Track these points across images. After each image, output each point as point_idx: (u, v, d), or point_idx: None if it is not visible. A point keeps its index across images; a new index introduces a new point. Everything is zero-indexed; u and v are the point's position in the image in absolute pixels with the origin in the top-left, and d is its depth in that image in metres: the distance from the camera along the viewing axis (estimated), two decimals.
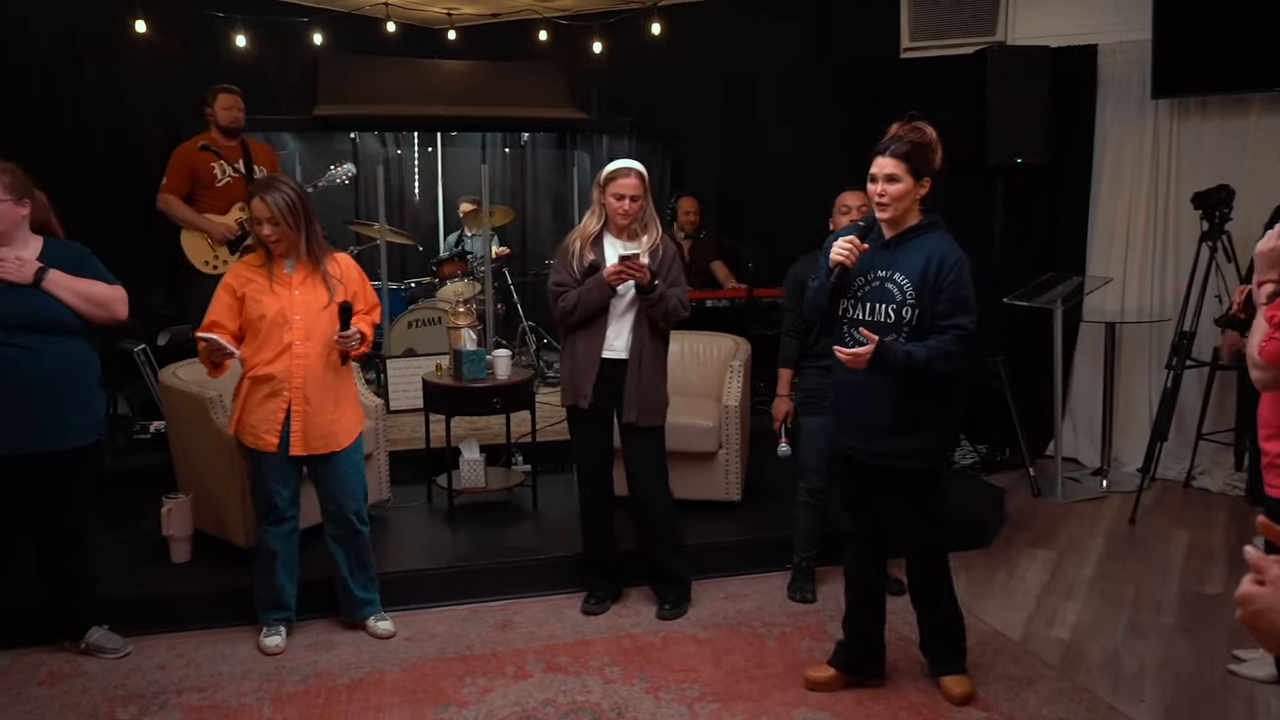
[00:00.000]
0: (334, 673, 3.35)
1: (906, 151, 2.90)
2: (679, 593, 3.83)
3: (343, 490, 3.48)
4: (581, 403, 3.61)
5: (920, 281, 2.89)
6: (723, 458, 4.44)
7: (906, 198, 2.92)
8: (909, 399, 2.93)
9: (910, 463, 2.98)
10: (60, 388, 3.18)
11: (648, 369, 3.58)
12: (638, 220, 3.58)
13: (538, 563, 4.03)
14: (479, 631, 3.66)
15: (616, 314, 3.58)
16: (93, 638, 3.44)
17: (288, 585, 3.52)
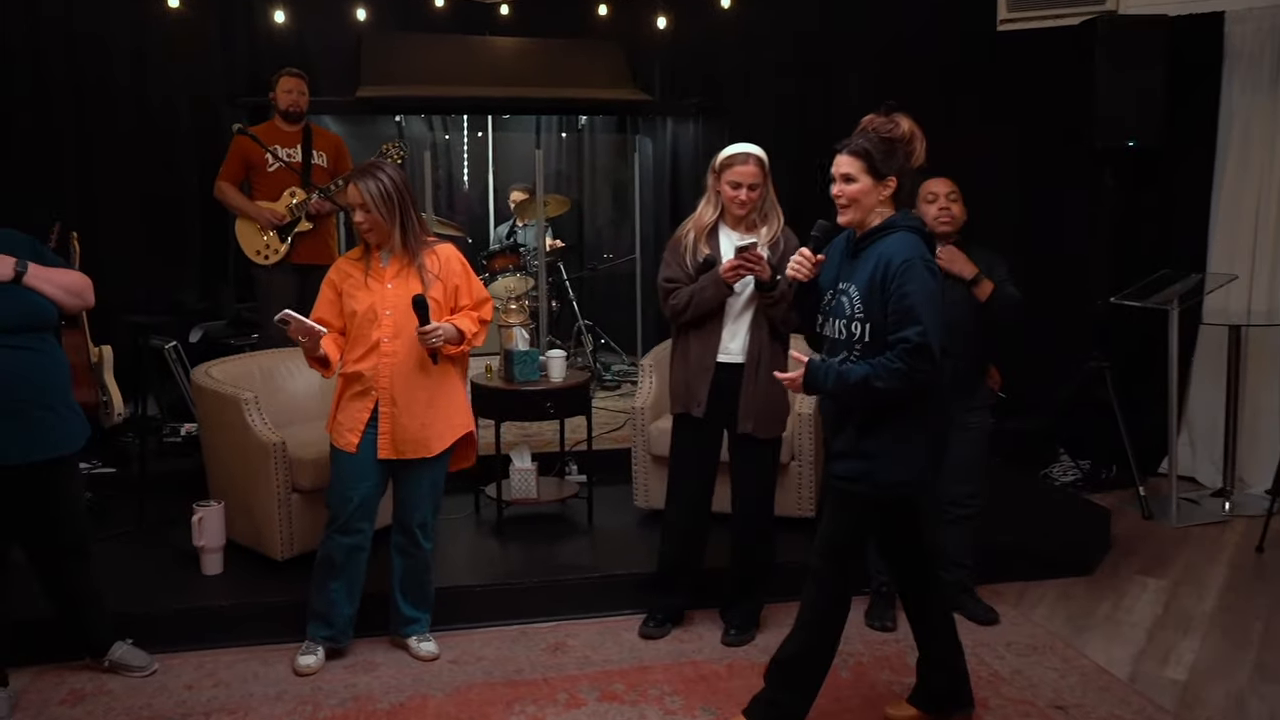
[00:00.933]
0: (374, 696, 3.36)
1: (864, 149, 2.84)
2: (747, 617, 3.78)
3: (412, 497, 3.52)
4: (695, 410, 3.57)
5: (867, 291, 2.80)
6: (795, 470, 4.37)
7: (865, 199, 2.85)
8: (872, 419, 2.83)
9: (857, 487, 2.87)
10: (50, 390, 3.16)
11: (767, 375, 3.51)
12: (756, 210, 3.53)
13: (592, 581, 4.01)
14: (529, 655, 3.65)
15: (733, 314, 3.53)
16: (116, 654, 3.50)
17: (343, 604, 3.53)
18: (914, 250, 2.77)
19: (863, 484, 2.86)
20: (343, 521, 3.46)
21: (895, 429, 2.83)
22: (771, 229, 3.55)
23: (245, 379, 4.24)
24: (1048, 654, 3.65)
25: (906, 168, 2.86)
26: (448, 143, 8.19)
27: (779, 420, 3.62)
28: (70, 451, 3.23)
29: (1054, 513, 4.80)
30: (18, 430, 3.07)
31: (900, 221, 2.85)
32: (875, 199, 2.84)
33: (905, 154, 2.86)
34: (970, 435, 3.78)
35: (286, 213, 5.19)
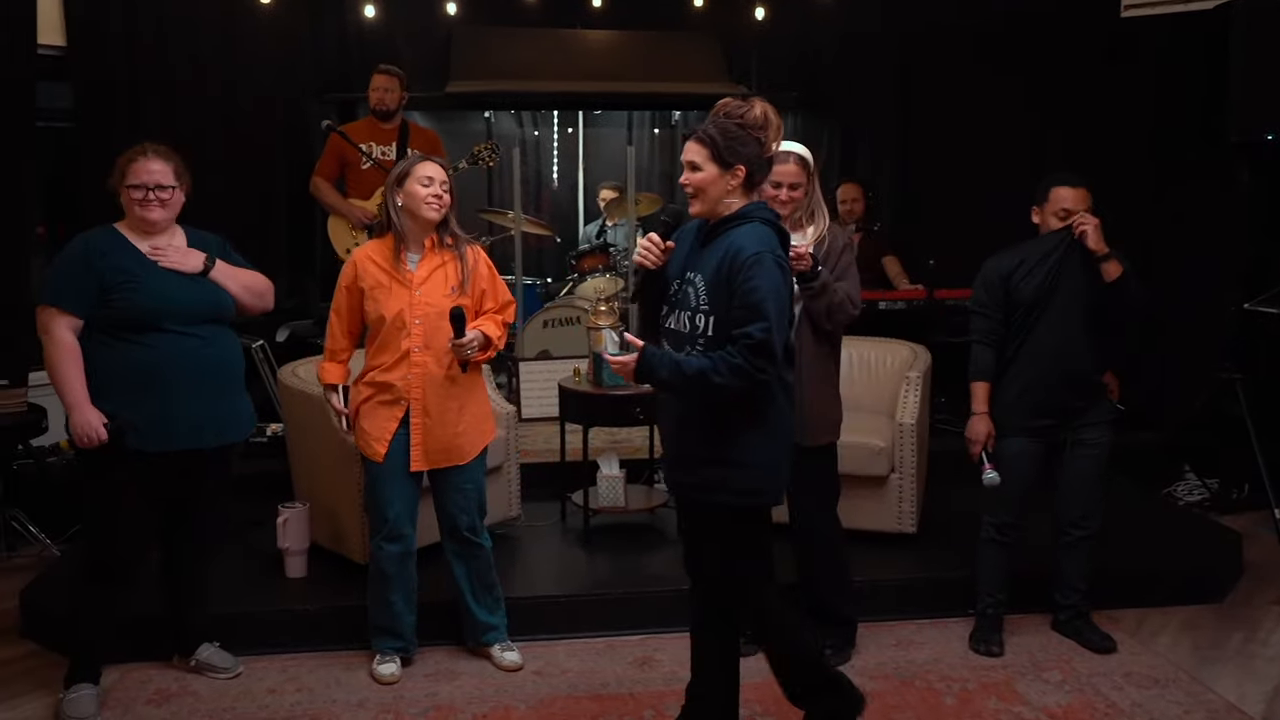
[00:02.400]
0: (456, 706, 3.40)
1: (709, 136, 2.75)
2: (843, 635, 3.74)
3: (455, 503, 3.55)
4: None
5: (713, 283, 2.73)
6: (896, 483, 4.31)
7: (712, 188, 2.77)
8: (712, 423, 2.76)
9: (715, 496, 2.80)
10: (231, 378, 3.41)
11: (812, 380, 3.49)
12: (801, 209, 3.53)
13: (682, 594, 3.95)
14: (615, 668, 3.66)
15: None
16: (203, 655, 3.61)
17: (405, 613, 3.59)
18: (765, 243, 2.70)
19: (720, 493, 2.79)
20: (387, 530, 3.50)
21: (751, 432, 2.76)
22: (818, 228, 3.54)
23: None
24: (1171, 687, 3.53)
25: (757, 155, 2.78)
26: (537, 139, 8.27)
27: (829, 426, 3.58)
28: (234, 441, 3.47)
29: (1178, 535, 4.64)
30: (195, 417, 3.27)
31: (754, 212, 2.79)
32: (723, 188, 2.77)
33: (757, 141, 2.77)
34: (1088, 452, 3.69)
35: (377, 211, 5.30)
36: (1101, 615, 3.93)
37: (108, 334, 3.20)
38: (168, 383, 3.22)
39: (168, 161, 3.32)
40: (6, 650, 3.84)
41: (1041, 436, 3.70)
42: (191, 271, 3.31)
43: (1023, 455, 3.70)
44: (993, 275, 3.75)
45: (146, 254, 3.27)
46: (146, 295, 3.20)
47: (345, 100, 6.63)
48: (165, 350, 3.22)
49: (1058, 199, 3.63)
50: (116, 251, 3.24)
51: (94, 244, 3.25)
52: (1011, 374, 3.71)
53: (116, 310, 3.18)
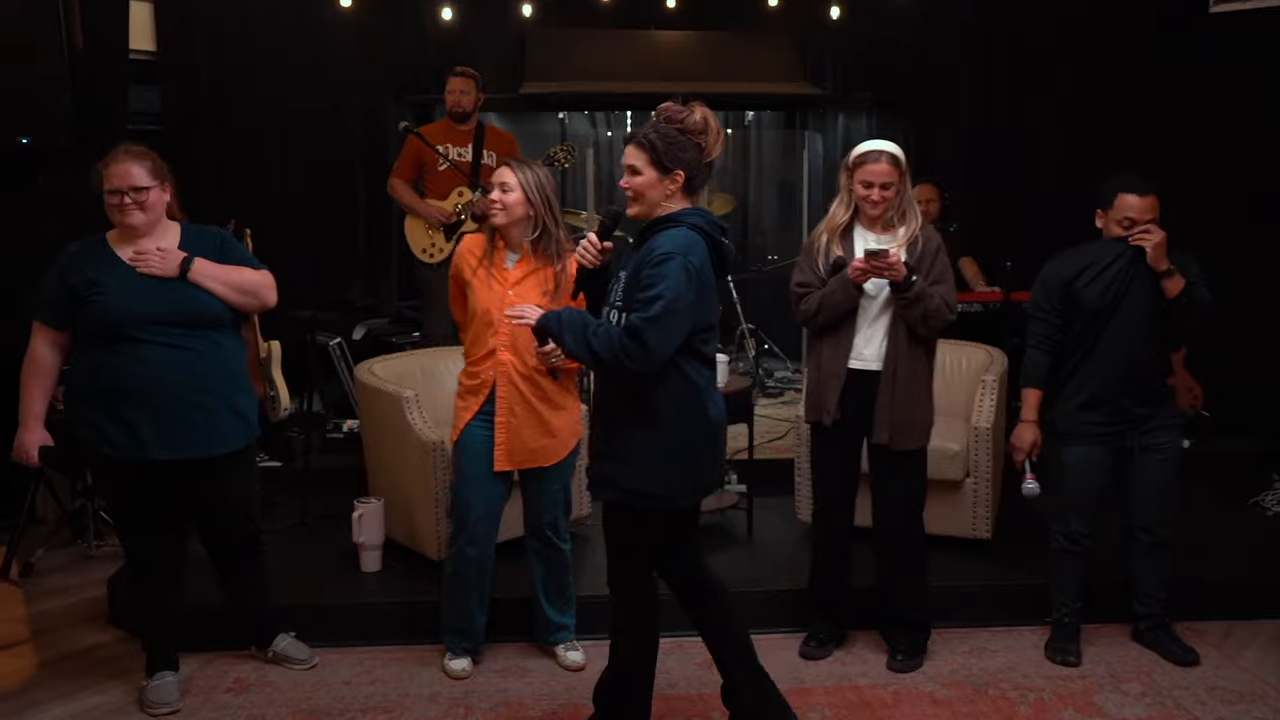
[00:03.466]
0: (526, 703, 3.43)
1: (649, 140, 2.75)
2: (915, 641, 3.69)
3: (541, 503, 3.57)
4: (825, 419, 3.54)
5: (629, 281, 2.76)
6: (970, 488, 4.24)
7: (651, 193, 2.78)
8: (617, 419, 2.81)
9: (603, 492, 2.85)
10: (214, 386, 3.28)
11: (904, 382, 3.45)
12: (893, 209, 3.48)
13: (751, 596, 3.98)
14: (682, 669, 3.66)
15: (868, 318, 3.48)
16: (280, 646, 3.68)
17: (478, 615, 3.62)
18: (683, 247, 2.69)
19: (608, 490, 2.83)
20: (468, 534, 3.51)
21: (644, 432, 2.77)
22: (910, 228, 3.49)
23: (407, 377, 4.40)
24: (1258, 704, 3.42)
25: (697, 160, 2.77)
26: (610, 139, 8.29)
27: (920, 431, 3.54)
28: (222, 452, 3.31)
29: (1266, 545, 4.49)
30: (167, 426, 3.19)
31: (685, 216, 2.77)
32: (662, 192, 2.77)
33: (696, 146, 2.77)
34: (1159, 456, 3.59)
35: (453, 212, 5.37)
36: (1185, 627, 3.83)
37: (85, 344, 3.21)
38: (136, 391, 3.15)
39: (143, 162, 3.21)
40: (95, 636, 3.97)
41: (1107, 443, 3.60)
42: (167, 275, 3.20)
43: (1088, 464, 3.61)
44: (1053, 279, 3.66)
45: (128, 260, 3.20)
46: (110, 304, 3.15)
47: (422, 102, 6.72)
48: (133, 359, 3.15)
49: (1122, 207, 3.50)
50: (92, 261, 3.19)
51: (72, 256, 3.21)
52: (1075, 383, 3.62)
53: (86, 321, 3.16)
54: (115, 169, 3.19)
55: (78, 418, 3.22)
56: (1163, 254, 3.44)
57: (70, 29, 4.63)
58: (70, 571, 4.59)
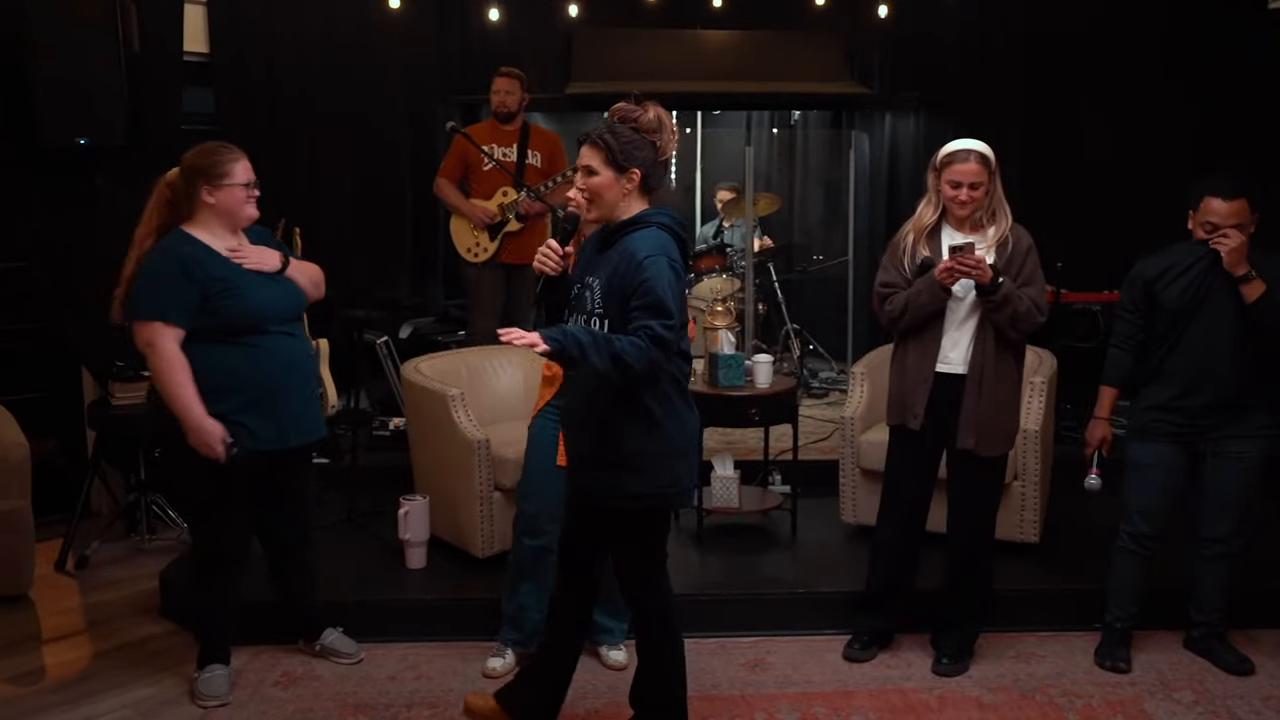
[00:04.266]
0: (570, 700, 3.42)
1: (604, 140, 2.74)
2: (961, 645, 3.66)
3: None
4: (911, 423, 3.49)
5: (608, 287, 2.73)
6: (1018, 490, 4.19)
7: (608, 193, 2.76)
8: (608, 425, 2.77)
9: (606, 500, 2.84)
10: (312, 375, 3.48)
11: (991, 386, 3.41)
12: (982, 209, 3.44)
13: (795, 597, 3.97)
14: (726, 670, 3.65)
15: (955, 320, 3.44)
16: (327, 640, 3.72)
17: (532, 608, 3.63)
18: (661, 247, 2.70)
19: (614, 497, 2.80)
20: (525, 523, 3.54)
21: (642, 435, 2.76)
22: (999, 229, 3.43)
23: (452, 375, 4.43)
24: None
25: (652, 159, 2.77)
26: None
27: (1005, 437, 3.49)
28: (321, 437, 3.52)
29: None
30: (299, 414, 3.34)
31: (651, 217, 2.78)
32: (619, 192, 2.76)
33: (651, 145, 2.77)
34: (1235, 465, 3.51)
35: (498, 211, 5.40)
36: (1239, 635, 3.76)
37: (212, 339, 3.22)
38: (275, 383, 3.27)
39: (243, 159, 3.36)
40: (147, 628, 4.03)
41: (1179, 443, 3.54)
42: (271, 270, 3.34)
43: (1158, 463, 3.55)
44: (1137, 278, 3.60)
45: (225, 255, 3.27)
46: (247, 300, 3.23)
47: (469, 102, 6.75)
48: (267, 351, 3.27)
49: (1206, 210, 3.41)
50: (208, 259, 3.24)
51: (184, 254, 3.21)
52: (1155, 385, 3.56)
53: (220, 317, 3.21)
54: (242, 164, 3.31)
55: (215, 415, 3.21)
56: (1240, 259, 3.35)
57: (126, 32, 4.70)
58: (123, 564, 4.67)
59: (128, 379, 4.69)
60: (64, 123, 4.61)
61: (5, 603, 4.20)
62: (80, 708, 3.45)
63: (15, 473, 4.21)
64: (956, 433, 3.45)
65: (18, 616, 4.15)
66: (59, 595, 4.37)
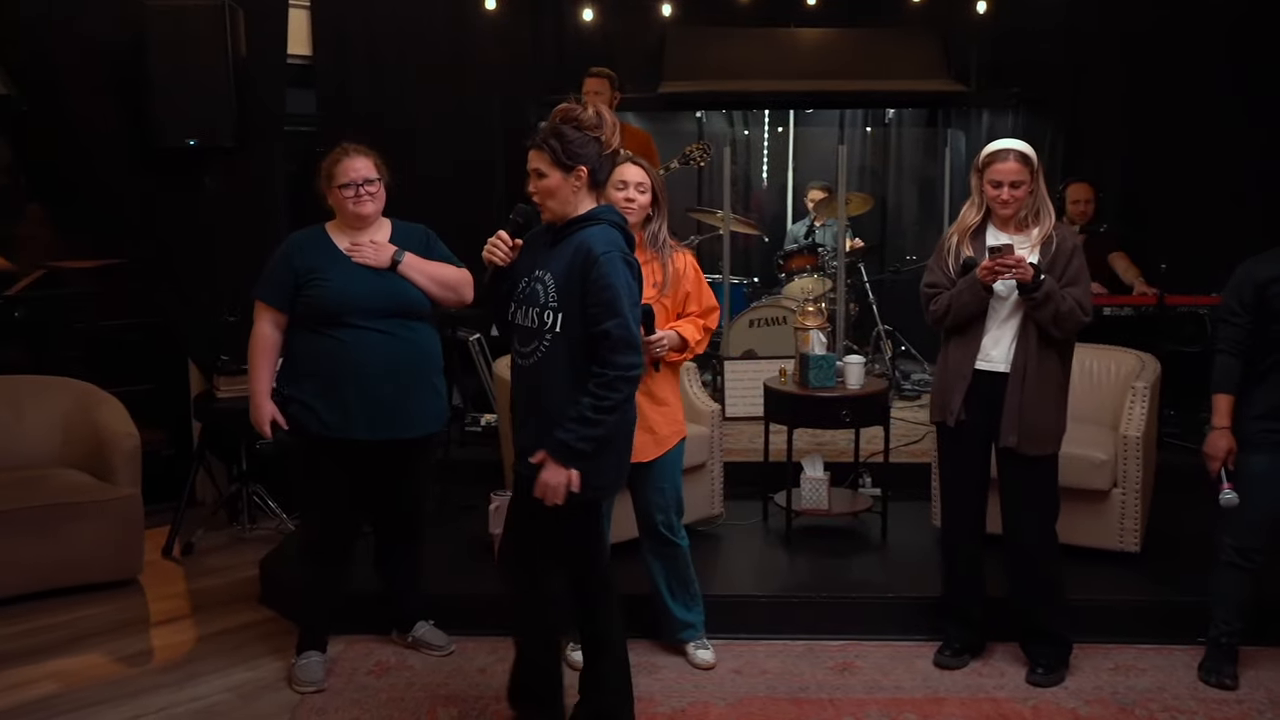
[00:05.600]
0: (655, 699, 3.44)
1: (547, 142, 2.81)
2: (1055, 655, 3.57)
3: (653, 502, 3.56)
4: (948, 420, 3.49)
5: (564, 280, 2.78)
6: (1118, 498, 4.08)
7: (559, 192, 2.83)
8: (554, 418, 2.77)
9: None
10: (416, 373, 3.50)
11: (1034, 385, 3.37)
12: (1026, 208, 3.40)
13: (885, 602, 3.92)
14: (814, 673, 3.62)
15: (997, 319, 3.42)
16: (419, 632, 3.78)
17: None
18: (614, 243, 2.78)
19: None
20: None
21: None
22: (1043, 228, 3.41)
23: None
24: None
25: (598, 155, 2.84)
26: (747, 138, 8.26)
27: (1049, 436, 3.43)
28: (424, 433, 3.54)
29: None
30: (374, 409, 3.38)
31: (601, 214, 2.86)
32: (569, 190, 2.83)
33: (595, 141, 2.83)
34: None
35: None
36: None
37: (304, 326, 3.38)
38: (350, 374, 3.33)
39: (369, 156, 3.44)
40: (248, 615, 4.15)
41: None
42: (381, 267, 3.41)
43: (1271, 475, 3.41)
44: (1245, 281, 3.47)
45: (345, 251, 3.41)
46: (330, 291, 3.33)
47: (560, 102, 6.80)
48: (350, 343, 3.34)
49: None
50: (314, 249, 3.40)
51: (297, 242, 3.44)
52: (1260, 391, 3.43)
53: (306, 305, 3.35)
54: (347, 163, 3.40)
55: (290, 397, 3.39)
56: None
57: (234, 37, 4.84)
58: (226, 552, 4.81)
59: (231, 373, 4.82)
60: (176, 124, 4.76)
61: (117, 586, 4.36)
62: (185, 689, 3.57)
63: (127, 462, 4.38)
64: (1000, 431, 3.42)
65: (128, 600, 4.31)
66: (166, 580, 4.53)
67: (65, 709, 3.43)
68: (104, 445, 4.43)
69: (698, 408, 4.46)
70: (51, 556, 4.21)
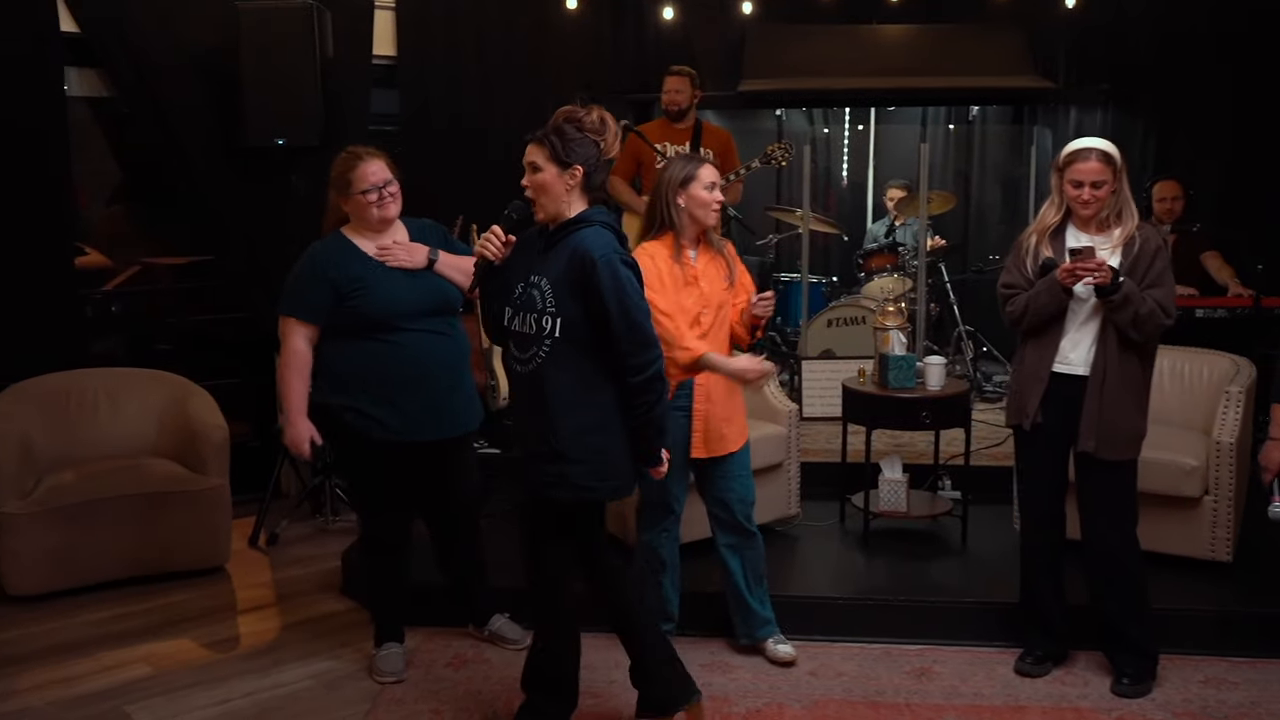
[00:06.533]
0: (730, 698, 3.43)
1: (547, 136, 2.83)
2: (1141, 666, 3.48)
3: (733, 491, 3.56)
4: (1024, 423, 3.44)
5: (561, 285, 2.80)
6: (1209, 506, 3.96)
7: (553, 188, 2.85)
8: (561, 419, 2.84)
9: (558, 493, 2.89)
10: (462, 370, 3.52)
11: (1113, 389, 3.31)
12: (1108, 209, 3.33)
13: (964, 607, 3.86)
14: (891, 677, 3.58)
15: (1076, 321, 3.36)
16: (495, 625, 3.82)
17: (674, 595, 3.66)
18: (609, 245, 2.81)
19: (563, 490, 2.87)
20: (671, 519, 3.56)
21: (597, 430, 2.84)
22: (1125, 229, 3.33)
23: None
24: None
25: (595, 157, 2.86)
26: (827, 136, 8.19)
27: (1128, 441, 3.35)
28: (470, 430, 3.58)
29: None
30: (432, 409, 3.41)
31: (594, 216, 2.88)
32: (562, 188, 2.85)
33: (595, 144, 2.85)
34: None
35: None
36: None
37: (346, 335, 3.36)
38: (409, 377, 3.35)
39: (381, 159, 3.41)
40: (330, 605, 4.24)
41: None
42: (417, 268, 3.41)
43: None
44: None
45: (374, 255, 3.39)
46: (376, 299, 3.33)
47: (642, 100, 6.82)
48: (400, 347, 3.34)
49: None
50: (346, 259, 3.37)
51: (323, 255, 3.39)
52: None
53: (352, 315, 3.34)
54: (364, 168, 3.38)
55: (345, 406, 3.37)
56: None
57: (322, 38, 4.93)
58: (309, 543, 4.92)
59: None
60: (264, 124, 4.87)
61: (205, 574, 4.49)
62: (270, 675, 3.65)
63: (216, 453, 4.50)
64: (1078, 435, 3.35)
65: (216, 587, 4.43)
66: (252, 569, 4.64)
67: (157, 691, 3.54)
68: (195, 437, 4.55)
69: (774, 407, 4.44)
70: (145, 543, 4.34)
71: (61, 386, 4.65)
